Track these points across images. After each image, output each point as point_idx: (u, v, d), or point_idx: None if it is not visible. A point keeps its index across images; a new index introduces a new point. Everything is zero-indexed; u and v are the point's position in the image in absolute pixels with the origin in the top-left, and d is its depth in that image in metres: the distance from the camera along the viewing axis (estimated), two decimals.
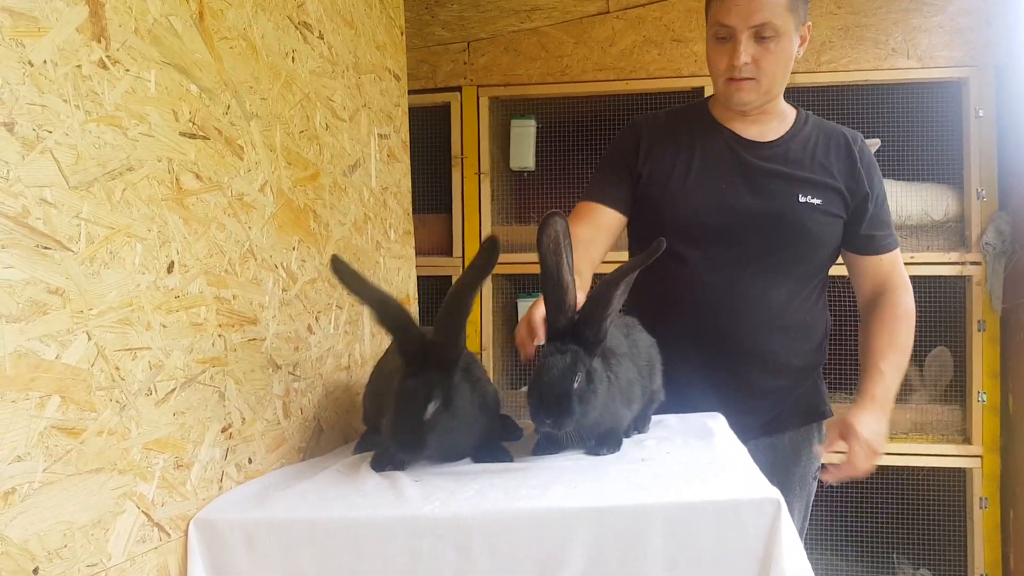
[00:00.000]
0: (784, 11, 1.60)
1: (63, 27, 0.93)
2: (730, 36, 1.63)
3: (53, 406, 0.89)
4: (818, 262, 1.74)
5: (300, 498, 1.16)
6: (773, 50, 1.62)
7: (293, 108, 1.53)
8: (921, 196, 2.82)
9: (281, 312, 1.45)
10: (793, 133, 1.75)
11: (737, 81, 1.65)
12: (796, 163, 1.71)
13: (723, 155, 1.72)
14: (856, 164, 1.72)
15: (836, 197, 1.70)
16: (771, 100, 1.72)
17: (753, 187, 1.69)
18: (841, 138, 1.76)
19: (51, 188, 0.90)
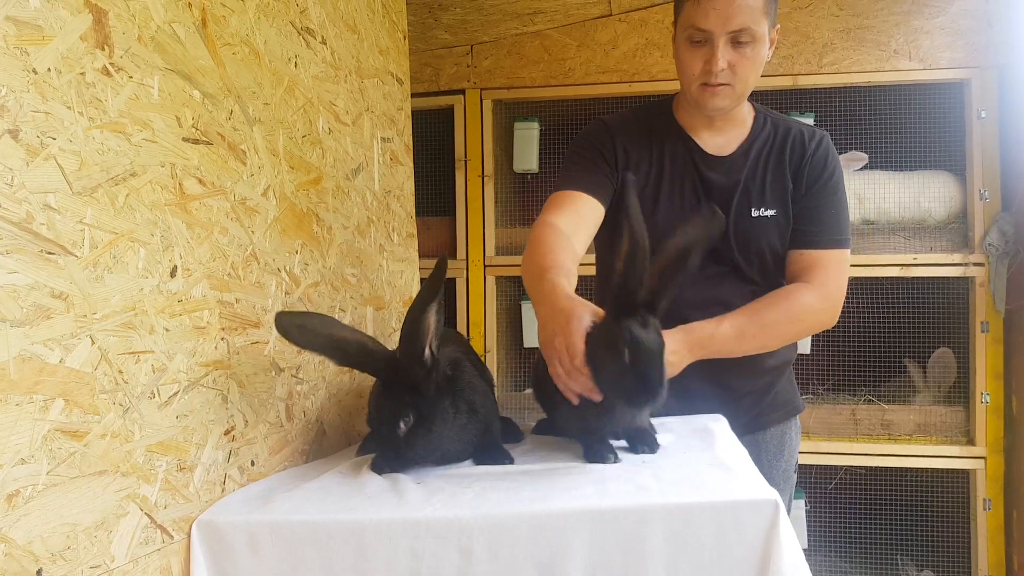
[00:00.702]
0: (760, 15, 1.57)
1: (67, 35, 0.95)
2: (706, 40, 1.58)
3: (57, 409, 0.90)
4: (778, 268, 1.71)
5: (303, 500, 1.17)
6: (749, 55, 1.59)
7: (296, 113, 1.54)
8: (925, 192, 2.82)
9: None
10: (752, 140, 1.72)
11: (712, 87, 1.61)
12: (751, 174, 1.69)
13: (687, 174, 1.70)
14: (803, 161, 1.69)
15: (787, 202, 1.69)
16: (741, 104, 1.70)
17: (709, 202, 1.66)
18: (798, 136, 1.72)
19: (55, 194, 0.91)
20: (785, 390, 1.82)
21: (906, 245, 2.81)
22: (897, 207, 2.84)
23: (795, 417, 1.85)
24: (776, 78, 2.88)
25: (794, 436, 1.84)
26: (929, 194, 2.82)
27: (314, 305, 1.58)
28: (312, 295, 1.58)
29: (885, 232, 2.83)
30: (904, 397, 2.94)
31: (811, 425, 2.85)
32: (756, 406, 1.76)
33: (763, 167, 1.70)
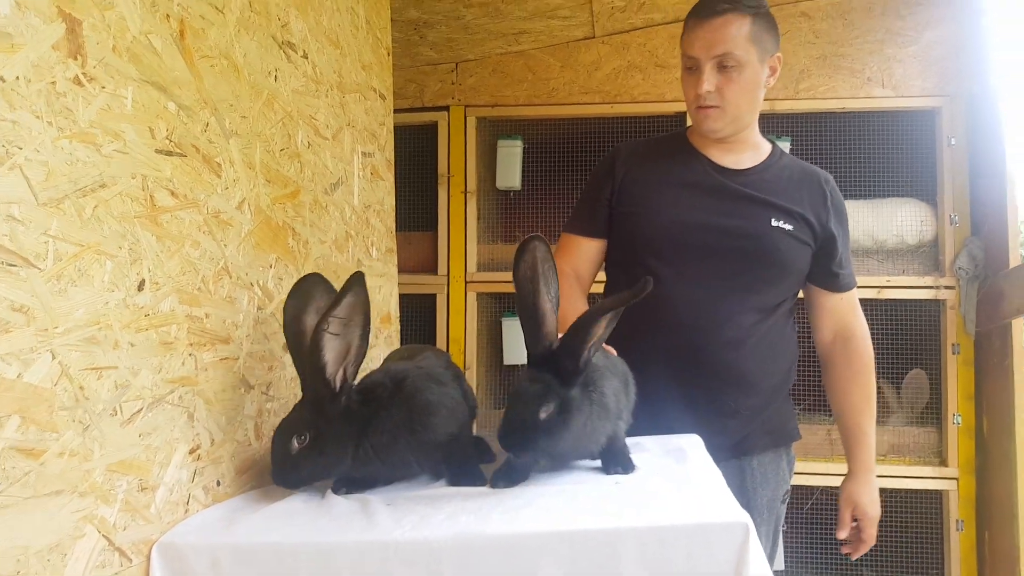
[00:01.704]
0: (746, 42, 1.67)
1: (38, 44, 0.93)
2: (696, 67, 1.71)
3: (12, 426, 0.88)
4: (787, 286, 1.79)
5: (268, 521, 1.15)
6: (735, 79, 1.69)
7: (274, 126, 1.53)
8: (897, 216, 2.86)
9: (256, 331, 1.43)
10: (768, 164, 1.81)
11: (704, 109, 1.72)
12: (770, 190, 1.76)
13: (700, 177, 1.78)
14: (826, 202, 1.79)
15: (806, 226, 1.76)
16: (741, 128, 1.77)
17: (728, 208, 1.73)
18: (814, 176, 1.82)
19: (19, 204, 0.89)
20: (778, 416, 1.83)
21: (879, 268, 2.84)
22: (867, 235, 2.87)
23: (788, 446, 1.86)
24: None
25: (785, 467, 1.85)
26: (899, 221, 2.85)
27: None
28: None
29: (859, 255, 2.86)
30: (878, 418, 2.95)
31: None
32: (745, 427, 1.75)
33: (783, 187, 1.77)
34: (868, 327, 1.86)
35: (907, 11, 2.85)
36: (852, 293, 1.86)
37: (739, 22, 1.67)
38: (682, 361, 1.67)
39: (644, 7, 2.94)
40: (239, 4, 1.39)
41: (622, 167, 1.82)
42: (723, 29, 1.66)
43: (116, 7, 1.07)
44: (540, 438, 1.20)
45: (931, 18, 2.84)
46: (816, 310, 1.88)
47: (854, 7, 2.88)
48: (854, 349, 1.83)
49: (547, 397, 1.20)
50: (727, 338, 1.69)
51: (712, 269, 1.71)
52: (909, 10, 2.85)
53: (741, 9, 1.68)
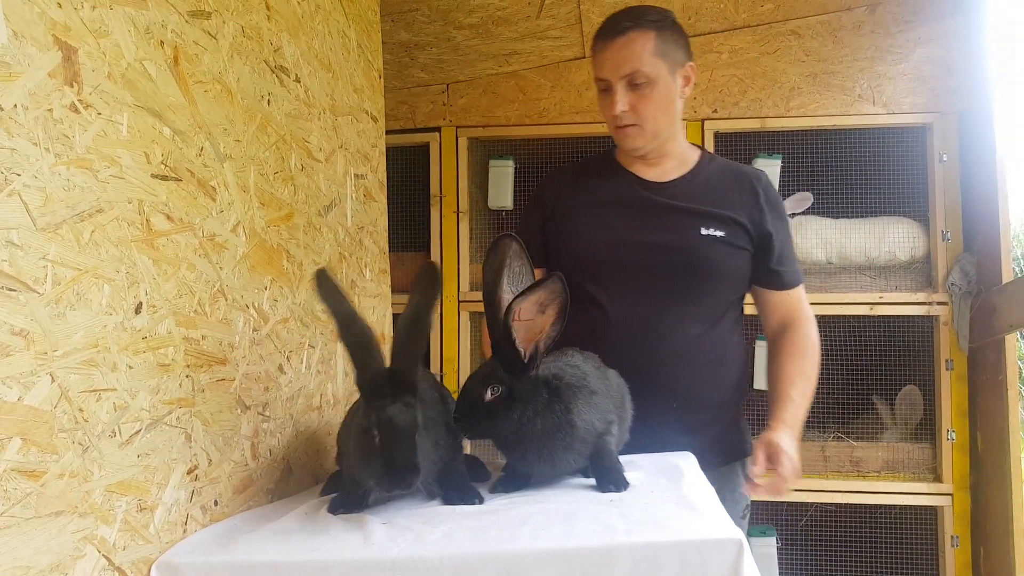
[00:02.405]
0: (652, 57, 1.69)
1: (35, 72, 0.95)
2: (608, 87, 1.73)
3: (14, 448, 0.89)
4: (726, 295, 1.79)
5: (265, 541, 1.15)
6: (648, 95, 1.71)
7: (268, 149, 1.55)
8: (888, 234, 2.88)
9: (251, 352, 1.45)
10: (696, 172, 1.82)
11: (622, 128, 1.74)
12: (697, 198, 1.77)
13: (623, 195, 1.80)
14: (759, 200, 1.79)
15: (740, 230, 1.76)
16: (663, 142, 1.79)
17: (655, 223, 1.75)
18: (745, 177, 1.83)
19: (18, 230, 0.91)
20: (731, 432, 1.82)
21: (872, 284, 2.86)
22: (859, 252, 2.90)
23: (741, 462, 1.83)
24: (744, 120, 2.95)
25: (740, 482, 1.81)
26: (890, 239, 2.88)
27: (282, 341, 1.58)
28: (281, 331, 1.57)
29: (852, 271, 2.88)
30: (873, 434, 2.97)
31: None
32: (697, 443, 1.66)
33: (711, 193, 1.78)
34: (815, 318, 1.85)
35: (897, 29, 2.89)
36: (798, 290, 1.84)
37: (643, 38, 1.68)
38: (630, 380, 1.60)
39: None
40: (232, 30, 1.42)
41: (550, 194, 1.85)
42: (628, 48, 1.68)
43: (111, 34, 1.09)
44: (480, 416, 1.29)
45: (921, 36, 2.88)
46: (762, 307, 1.88)
47: (844, 25, 2.92)
48: (797, 332, 1.80)
49: (491, 379, 1.29)
50: (671, 352, 1.69)
51: (647, 285, 1.72)
52: (899, 28, 2.89)
53: (644, 25, 1.69)
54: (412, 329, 1.22)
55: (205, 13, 1.33)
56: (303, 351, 1.67)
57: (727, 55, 2.97)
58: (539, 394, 1.32)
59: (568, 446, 1.33)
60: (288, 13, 1.65)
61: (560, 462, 1.35)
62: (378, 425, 1.15)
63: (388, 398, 1.17)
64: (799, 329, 1.81)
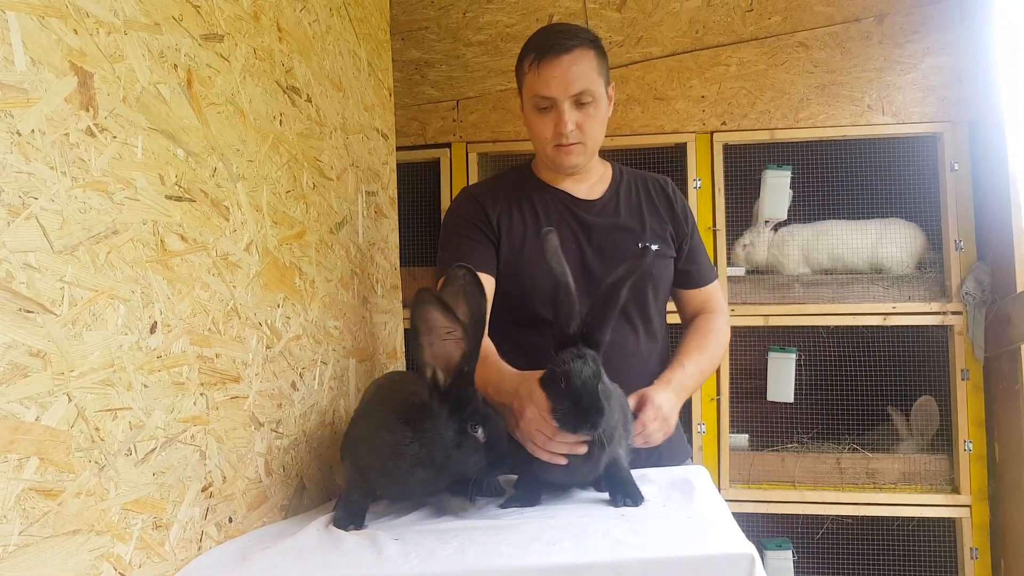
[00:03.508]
0: (596, 76, 1.69)
1: (52, 97, 0.97)
2: (551, 106, 1.70)
3: (31, 468, 0.90)
4: (661, 303, 1.83)
5: (279, 558, 1.16)
6: (593, 114, 1.71)
7: (280, 169, 1.57)
8: (893, 237, 2.88)
9: (265, 369, 1.46)
10: (616, 186, 1.84)
11: (565, 147, 1.72)
12: (628, 213, 1.80)
13: (564, 218, 1.78)
14: (674, 206, 1.84)
15: (668, 240, 1.80)
16: (593, 158, 1.81)
17: (597, 246, 1.75)
18: (656, 184, 1.87)
19: (35, 253, 0.92)
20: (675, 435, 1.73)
21: (885, 295, 2.85)
22: (864, 260, 2.90)
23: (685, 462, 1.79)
24: (754, 132, 2.95)
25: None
26: (898, 243, 2.88)
27: (295, 358, 1.59)
28: (293, 348, 1.58)
29: (864, 282, 2.87)
30: (888, 445, 2.95)
31: (797, 474, 2.85)
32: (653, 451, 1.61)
33: (637, 207, 1.81)
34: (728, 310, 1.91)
35: (905, 39, 2.89)
36: (711, 286, 1.88)
37: (587, 56, 1.67)
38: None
39: (642, 41, 3.00)
40: (244, 52, 1.44)
41: (492, 212, 1.78)
42: (575, 65, 1.66)
43: (126, 59, 1.11)
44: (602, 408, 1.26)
45: (930, 46, 2.88)
46: (678, 304, 1.91)
47: (851, 36, 2.92)
48: (703, 319, 1.84)
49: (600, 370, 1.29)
50: (630, 372, 1.64)
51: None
52: (907, 38, 2.89)
53: (585, 44, 1.68)
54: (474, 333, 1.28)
55: (218, 36, 1.35)
56: (316, 368, 1.68)
57: (735, 68, 2.98)
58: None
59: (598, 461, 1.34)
60: (299, 34, 1.68)
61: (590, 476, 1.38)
62: (484, 424, 1.27)
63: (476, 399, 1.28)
64: (707, 316, 1.85)
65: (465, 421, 1.26)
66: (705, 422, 2.89)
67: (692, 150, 2.98)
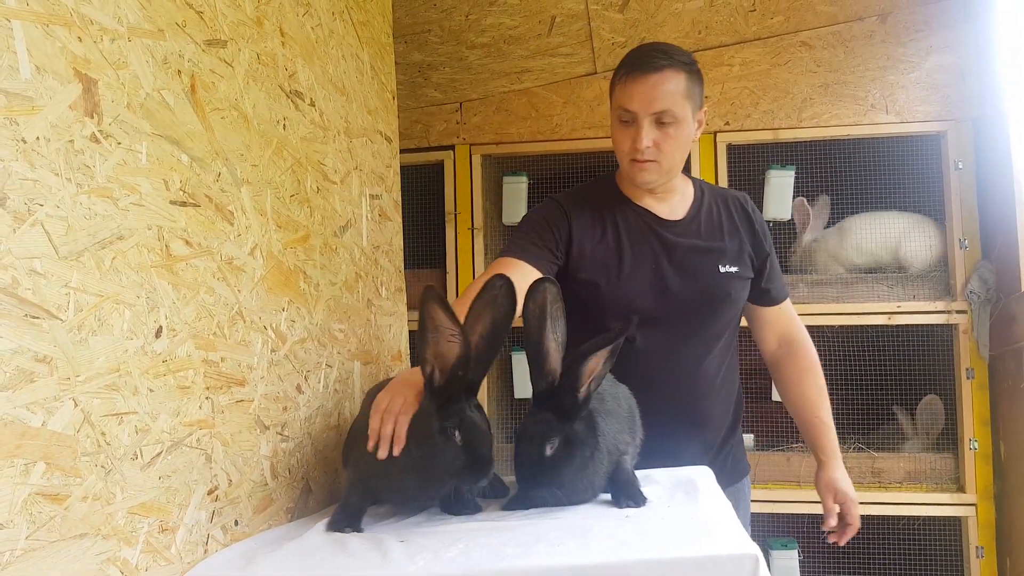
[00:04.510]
0: (682, 99, 1.69)
1: (56, 105, 0.98)
2: (633, 120, 1.71)
3: (38, 472, 0.91)
4: (735, 322, 1.85)
5: (285, 560, 1.17)
6: (672, 135, 1.71)
7: (284, 173, 1.57)
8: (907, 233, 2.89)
9: (270, 373, 1.47)
10: (698, 206, 1.85)
11: (640, 163, 1.73)
12: (709, 235, 1.81)
13: (646, 237, 1.79)
14: (755, 225, 1.86)
15: (747, 261, 1.82)
16: (671, 179, 1.81)
17: (678, 266, 1.77)
18: (736, 202, 1.88)
19: (41, 259, 0.93)
20: (736, 451, 1.88)
21: (889, 293, 2.84)
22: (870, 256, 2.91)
23: (745, 478, 1.90)
24: (757, 132, 2.95)
25: (746, 499, 1.88)
26: (911, 240, 2.88)
27: (300, 361, 1.59)
28: (298, 351, 1.59)
29: (869, 281, 2.86)
30: (893, 444, 2.94)
31: (802, 473, 2.84)
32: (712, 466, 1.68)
33: (718, 228, 1.82)
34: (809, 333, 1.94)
35: (908, 38, 2.89)
36: (788, 303, 1.93)
37: (676, 78, 1.68)
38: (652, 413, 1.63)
39: (644, 42, 2.99)
40: (247, 57, 1.45)
41: (575, 223, 1.79)
42: (661, 85, 1.67)
43: (129, 65, 1.12)
44: (546, 472, 1.30)
45: (933, 44, 2.87)
46: (759, 326, 1.94)
47: (854, 35, 2.92)
48: (800, 348, 1.90)
49: (550, 434, 1.30)
50: (695, 389, 1.75)
51: (676, 328, 1.74)
52: (910, 37, 2.89)
53: (677, 65, 1.69)
54: (490, 344, 1.30)
55: (221, 42, 1.36)
56: (320, 371, 1.69)
57: (738, 68, 2.98)
58: (590, 432, 1.35)
59: (604, 469, 1.38)
60: (302, 39, 1.69)
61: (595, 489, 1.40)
62: (462, 426, 1.26)
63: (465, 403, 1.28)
64: (804, 346, 1.90)
65: (446, 421, 1.26)
66: None
67: (695, 150, 2.97)
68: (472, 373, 1.27)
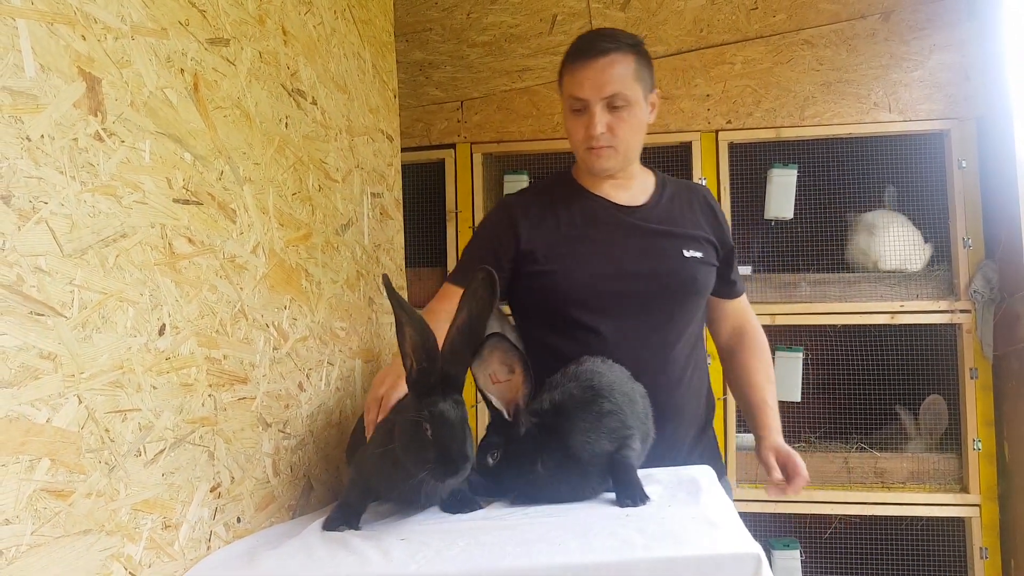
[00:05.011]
0: (632, 81, 1.70)
1: (61, 103, 0.98)
2: (584, 108, 1.71)
3: (43, 469, 0.91)
4: (700, 312, 1.84)
5: (287, 557, 1.17)
6: (626, 118, 1.71)
7: (286, 171, 1.58)
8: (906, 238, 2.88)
9: (272, 370, 1.47)
10: (659, 194, 1.83)
11: (596, 149, 1.73)
12: (672, 220, 1.79)
13: (606, 222, 1.77)
14: (717, 215, 1.85)
15: (710, 248, 1.80)
16: (629, 164, 1.80)
17: (640, 248, 1.74)
18: (698, 194, 1.87)
19: (45, 256, 0.94)
20: (711, 446, 1.87)
21: (892, 293, 2.84)
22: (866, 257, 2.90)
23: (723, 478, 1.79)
24: (759, 131, 2.95)
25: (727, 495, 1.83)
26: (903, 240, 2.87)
27: (302, 359, 1.60)
28: (300, 349, 1.59)
29: (871, 280, 2.86)
30: (896, 445, 2.94)
31: None
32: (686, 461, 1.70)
33: (680, 215, 1.81)
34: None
35: (911, 36, 2.88)
36: (744, 297, 1.94)
37: (624, 61, 1.68)
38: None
39: (646, 40, 2.93)
40: (250, 55, 1.45)
41: (523, 224, 1.77)
42: (610, 69, 1.67)
43: (133, 64, 1.12)
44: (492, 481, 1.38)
45: (936, 42, 2.86)
46: (717, 317, 1.94)
47: (857, 33, 2.91)
48: (751, 337, 1.90)
49: (489, 446, 1.37)
50: (666, 378, 1.70)
51: (640, 312, 1.71)
52: (913, 35, 2.88)
53: (624, 48, 1.69)
54: (466, 336, 1.27)
55: (223, 40, 1.36)
56: (322, 368, 1.69)
57: (740, 66, 2.98)
58: (534, 443, 1.37)
59: (582, 474, 1.38)
60: (304, 37, 1.69)
61: (582, 491, 1.40)
62: (431, 419, 1.21)
63: (439, 396, 1.23)
64: (756, 334, 1.90)
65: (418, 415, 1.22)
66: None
67: (697, 149, 2.97)
68: (447, 365, 1.25)
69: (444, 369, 1.25)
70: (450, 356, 1.26)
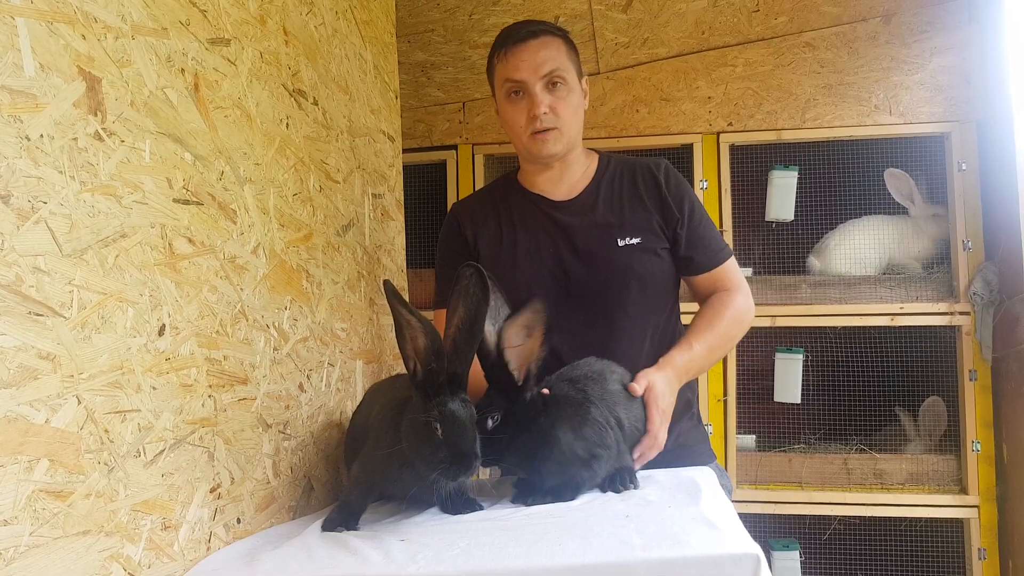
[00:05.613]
0: (566, 59, 1.71)
1: (60, 103, 0.98)
2: (523, 91, 1.71)
3: (42, 469, 0.91)
4: (662, 297, 1.77)
5: (287, 558, 1.17)
6: (565, 97, 1.71)
7: (287, 172, 1.58)
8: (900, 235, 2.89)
9: (272, 371, 1.47)
10: (598, 180, 1.81)
11: (541, 133, 1.71)
12: (607, 209, 1.76)
13: (540, 224, 1.77)
14: (662, 190, 1.77)
15: (655, 231, 1.74)
16: (574, 149, 1.78)
17: (573, 244, 1.73)
18: (645, 170, 1.81)
19: (45, 256, 0.93)
20: (689, 435, 1.79)
21: (892, 295, 2.84)
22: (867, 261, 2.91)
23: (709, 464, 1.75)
24: (760, 133, 2.95)
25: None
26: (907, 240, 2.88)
27: (302, 360, 1.60)
28: (301, 350, 1.59)
29: (871, 282, 2.86)
30: (896, 446, 2.94)
31: (804, 474, 2.84)
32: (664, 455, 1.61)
33: (618, 201, 1.77)
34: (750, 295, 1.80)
35: (912, 39, 2.88)
36: (720, 269, 1.79)
37: (555, 43, 1.71)
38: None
39: (648, 43, 3.00)
40: (251, 56, 1.45)
41: (469, 231, 1.80)
42: (544, 49, 1.69)
43: (133, 64, 1.12)
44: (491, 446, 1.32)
45: (937, 45, 2.86)
46: (691, 290, 1.85)
47: (858, 36, 2.91)
48: (717, 297, 1.77)
49: (491, 408, 1.34)
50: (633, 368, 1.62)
51: (582, 308, 1.70)
52: (914, 38, 2.88)
53: (553, 31, 1.73)
54: (467, 334, 1.28)
55: (224, 40, 1.36)
56: (323, 369, 1.69)
57: (741, 68, 2.98)
58: (536, 413, 1.37)
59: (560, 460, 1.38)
60: (305, 38, 1.69)
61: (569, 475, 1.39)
62: (442, 419, 1.22)
63: (447, 395, 1.24)
64: (720, 293, 1.77)
65: (428, 415, 1.23)
66: (712, 423, 2.88)
67: (698, 151, 2.97)
68: (451, 364, 1.26)
69: (450, 369, 1.26)
70: (454, 355, 1.27)
